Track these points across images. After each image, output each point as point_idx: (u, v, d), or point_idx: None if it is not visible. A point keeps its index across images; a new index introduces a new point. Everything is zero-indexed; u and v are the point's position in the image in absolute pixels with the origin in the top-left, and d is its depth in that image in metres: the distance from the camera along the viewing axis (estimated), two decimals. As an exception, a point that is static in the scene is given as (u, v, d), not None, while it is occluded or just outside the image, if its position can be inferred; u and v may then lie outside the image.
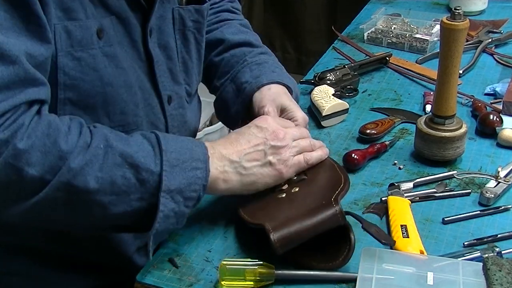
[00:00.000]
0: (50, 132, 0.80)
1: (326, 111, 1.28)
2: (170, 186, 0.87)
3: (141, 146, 0.88)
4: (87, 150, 0.83)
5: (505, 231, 0.98)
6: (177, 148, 0.90)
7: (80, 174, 0.82)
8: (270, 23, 3.23)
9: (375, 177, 1.13)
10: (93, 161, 0.83)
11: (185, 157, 0.90)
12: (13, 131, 0.78)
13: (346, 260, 0.89)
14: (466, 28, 1.06)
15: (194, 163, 0.90)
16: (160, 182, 0.86)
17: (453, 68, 1.09)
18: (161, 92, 1.03)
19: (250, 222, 0.96)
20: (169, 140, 0.90)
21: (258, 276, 0.88)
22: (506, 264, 0.85)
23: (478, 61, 1.56)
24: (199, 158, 0.91)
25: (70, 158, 0.81)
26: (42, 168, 0.80)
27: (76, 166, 0.81)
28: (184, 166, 0.89)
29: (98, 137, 0.85)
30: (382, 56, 1.56)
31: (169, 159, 0.88)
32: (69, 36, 0.87)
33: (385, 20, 1.75)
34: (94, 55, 0.90)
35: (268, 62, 1.19)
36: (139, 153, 0.86)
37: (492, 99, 1.38)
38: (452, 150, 1.14)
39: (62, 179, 0.81)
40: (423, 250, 0.93)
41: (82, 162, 0.82)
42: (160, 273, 0.92)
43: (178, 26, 1.06)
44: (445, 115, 1.13)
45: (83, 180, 0.82)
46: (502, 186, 1.07)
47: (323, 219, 0.89)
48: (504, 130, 1.21)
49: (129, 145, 0.87)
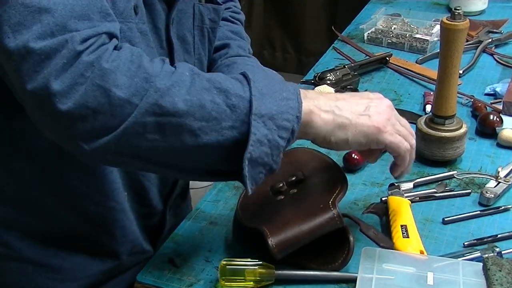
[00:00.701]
0: (133, 59, 0.79)
1: (326, 111, 1.28)
2: (261, 110, 0.83)
3: (228, 77, 0.85)
4: (172, 74, 0.81)
5: (505, 231, 0.98)
6: (266, 79, 0.86)
7: (168, 94, 0.79)
8: (270, 23, 3.23)
9: (375, 177, 1.13)
10: (179, 84, 0.80)
11: (275, 88, 0.86)
12: (99, 55, 0.77)
13: (345, 263, 0.90)
14: (466, 28, 1.06)
15: (285, 93, 0.86)
16: (250, 107, 0.82)
17: (453, 68, 1.09)
18: None
19: (248, 226, 0.96)
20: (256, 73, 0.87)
21: (258, 276, 0.88)
22: (506, 264, 0.85)
23: (478, 61, 1.56)
24: (289, 90, 0.87)
25: (156, 80, 0.79)
26: (129, 90, 0.77)
27: (162, 86, 0.79)
28: (275, 95, 0.85)
29: (183, 66, 0.83)
30: (382, 56, 1.56)
31: (258, 87, 0.84)
32: (113, 5, 0.86)
33: (385, 20, 1.75)
34: (131, 29, 0.90)
35: (237, 62, 1.16)
36: (228, 80, 0.84)
37: (492, 99, 1.38)
38: (452, 150, 1.14)
39: (150, 100, 0.78)
40: (423, 250, 0.93)
41: (168, 83, 0.79)
42: (160, 273, 0.92)
43: (197, 22, 1.07)
44: (445, 115, 1.13)
45: (170, 101, 0.79)
46: (502, 186, 1.07)
47: (320, 223, 0.89)
48: (504, 130, 1.21)
49: (216, 75, 0.84)
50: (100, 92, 0.76)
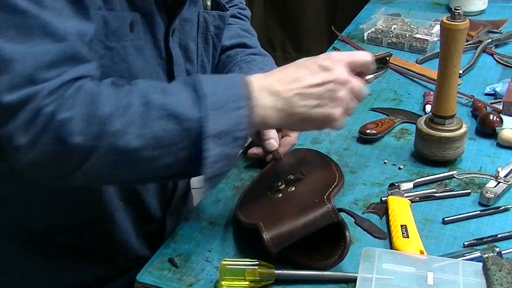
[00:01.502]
0: (91, 99, 0.80)
1: (326, 111, 1.28)
2: (214, 130, 0.85)
3: (180, 94, 0.85)
4: (127, 110, 0.82)
5: (505, 231, 0.98)
6: (218, 89, 0.87)
7: (122, 136, 0.81)
8: (270, 23, 3.22)
9: (375, 177, 1.13)
10: (132, 121, 0.82)
11: (227, 98, 0.86)
12: (58, 104, 0.78)
13: (342, 258, 0.89)
14: (466, 28, 1.06)
15: (238, 102, 0.87)
16: (202, 128, 0.84)
17: (453, 68, 1.09)
18: None
19: (245, 222, 0.96)
20: (209, 82, 0.88)
21: (258, 276, 0.88)
22: (506, 264, 0.85)
23: (478, 61, 1.56)
24: (242, 96, 0.88)
25: (110, 124, 0.80)
26: (86, 135, 0.79)
27: (115, 129, 0.81)
28: (227, 107, 0.86)
29: (137, 94, 0.84)
30: (382, 56, 1.56)
31: (211, 102, 0.85)
32: (105, 25, 0.88)
33: (385, 20, 1.75)
34: (126, 47, 0.91)
35: (257, 60, 1.18)
36: (179, 101, 0.84)
37: (492, 99, 1.38)
38: (452, 150, 1.14)
39: (105, 143, 0.80)
40: (423, 250, 0.92)
41: (121, 124, 0.81)
42: (160, 273, 0.92)
43: (201, 30, 1.08)
44: (445, 115, 1.13)
45: (125, 141, 0.81)
46: (502, 186, 1.07)
47: (315, 217, 0.89)
48: (504, 130, 1.21)
49: (168, 95, 0.85)
50: (59, 142, 0.79)
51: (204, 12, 1.07)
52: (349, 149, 1.22)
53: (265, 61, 1.20)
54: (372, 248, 0.91)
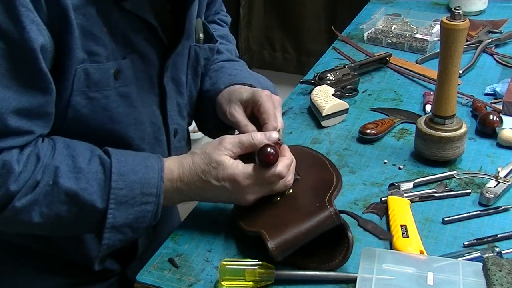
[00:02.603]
0: (3, 172, 0.84)
1: (326, 111, 1.28)
2: (116, 223, 0.90)
3: (91, 180, 0.89)
4: (34, 189, 0.86)
5: (505, 231, 0.98)
6: (128, 183, 0.90)
7: (24, 211, 0.86)
8: (270, 23, 3.22)
9: (375, 177, 1.13)
10: (38, 200, 0.87)
11: (136, 193, 0.91)
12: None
13: (345, 259, 0.90)
14: (466, 28, 1.06)
15: (145, 198, 0.92)
16: (104, 220, 0.89)
17: (453, 68, 1.09)
18: (169, 126, 1.06)
19: (248, 230, 0.96)
20: (123, 172, 0.91)
21: (258, 276, 0.88)
22: (506, 264, 0.85)
23: (478, 61, 1.56)
24: (151, 193, 0.92)
25: (15, 200, 0.85)
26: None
27: (20, 205, 0.86)
28: (133, 201, 0.91)
29: (49, 173, 0.87)
30: (382, 56, 1.56)
31: (117, 196, 0.89)
32: (87, 78, 0.90)
33: (385, 20, 1.75)
34: (108, 96, 0.93)
35: (225, 67, 1.18)
36: (87, 190, 0.88)
37: (492, 99, 1.38)
38: (452, 150, 1.14)
39: (7, 214, 0.86)
40: (423, 250, 0.93)
41: (27, 202, 0.86)
42: (160, 273, 0.92)
43: (192, 63, 1.09)
44: (445, 115, 1.13)
45: (27, 216, 0.87)
46: (502, 186, 1.07)
47: (318, 222, 0.90)
48: (504, 130, 1.21)
49: (79, 180, 0.88)
50: None
51: (196, 46, 1.08)
52: (349, 149, 1.22)
53: (233, 67, 1.19)
54: (372, 248, 0.91)
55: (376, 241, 0.94)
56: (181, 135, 1.10)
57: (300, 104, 1.39)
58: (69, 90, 0.89)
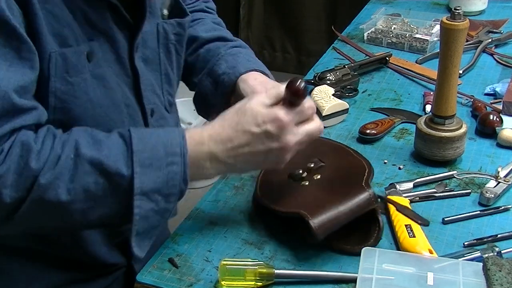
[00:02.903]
0: (23, 153, 0.83)
1: (326, 111, 1.28)
2: (144, 187, 0.87)
3: (114, 148, 0.87)
4: (56, 164, 0.85)
5: (505, 231, 0.98)
6: (150, 145, 0.89)
7: (51, 188, 0.84)
8: (270, 23, 3.22)
9: (375, 177, 1.12)
10: (63, 174, 0.85)
11: (159, 154, 0.88)
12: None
13: (377, 241, 0.94)
14: (466, 28, 1.06)
15: (170, 158, 0.89)
16: (132, 185, 0.86)
17: (453, 68, 1.09)
18: (145, 106, 1.04)
19: (283, 211, 0.97)
20: (143, 136, 0.89)
21: (258, 276, 0.88)
22: (506, 264, 0.85)
23: (478, 61, 1.56)
24: (175, 152, 0.89)
25: (40, 176, 0.83)
26: (17, 188, 0.83)
27: (45, 182, 0.84)
28: (159, 164, 0.88)
29: (69, 146, 0.86)
30: (382, 56, 1.56)
31: (141, 159, 0.87)
32: (65, 62, 0.89)
33: (385, 20, 1.75)
34: (85, 79, 0.92)
35: (242, 53, 1.19)
36: (110, 157, 0.86)
37: (492, 99, 1.38)
38: (452, 150, 1.14)
39: (34, 195, 0.84)
40: (431, 250, 0.92)
41: (51, 177, 0.84)
42: (160, 273, 0.92)
43: (162, 40, 1.07)
44: (445, 115, 1.13)
45: (54, 193, 0.84)
46: (502, 186, 1.07)
47: (358, 203, 0.93)
48: (504, 130, 1.21)
49: (100, 149, 0.87)
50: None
51: (163, 23, 1.06)
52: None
53: (248, 53, 1.20)
54: (372, 248, 0.91)
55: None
56: (158, 114, 1.07)
57: (300, 104, 1.39)
58: (46, 75, 0.88)
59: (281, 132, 0.90)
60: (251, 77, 1.12)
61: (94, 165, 0.86)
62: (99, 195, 0.87)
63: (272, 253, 0.95)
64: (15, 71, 0.83)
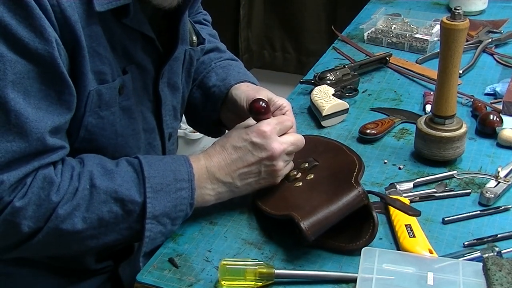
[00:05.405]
0: (44, 186, 0.86)
1: (326, 111, 1.28)
2: (155, 212, 0.92)
3: (125, 177, 0.91)
4: (74, 195, 0.88)
5: (505, 231, 0.98)
6: (160, 171, 0.93)
7: (68, 218, 0.88)
8: (270, 23, 3.22)
9: (375, 177, 1.13)
10: (80, 204, 0.88)
11: (169, 180, 0.93)
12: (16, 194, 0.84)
13: (372, 238, 0.92)
14: (466, 28, 1.06)
15: (179, 184, 0.94)
16: (144, 210, 0.91)
17: (453, 68, 1.09)
18: (164, 130, 1.08)
19: (275, 214, 0.98)
20: (152, 163, 0.94)
21: (258, 276, 0.88)
22: (506, 264, 0.85)
23: (478, 61, 1.56)
24: (183, 178, 0.94)
25: (58, 208, 0.87)
26: (36, 219, 0.86)
27: (63, 213, 0.87)
28: (168, 189, 0.93)
29: (85, 178, 0.90)
30: (382, 56, 1.56)
31: (152, 185, 0.91)
32: (99, 98, 0.92)
33: (385, 20, 1.75)
34: (114, 112, 0.96)
35: (232, 65, 1.21)
36: (123, 185, 0.90)
37: (492, 99, 1.38)
38: (452, 150, 1.14)
39: (51, 225, 0.87)
40: (431, 249, 0.92)
41: (69, 208, 0.87)
42: (160, 273, 0.92)
43: (186, 66, 1.11)
44: (445, 115, 1.13)
45: (71, 223, 0.88)
46: (502, 186, 1.07)
47: (348, 201, 0.92)
48: (504, 130, 1.21)
49: (113, 178, 0.91)
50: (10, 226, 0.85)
51: (191, 49, 1.10)
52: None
53: (239, 65, 1.23)
54: (372, 248, 0.91)
55: (376, 241, 0.94)
56: (174, 137, 1.12)
57: (300, 104, 1.39)
58: (82, 111, 0.91)
59: (266, 141, 0.97)
60: (244, 85, 1.14)
61: (109, 194, 0.89)
62: (113, 221, 0.91)
63: (272, 253, 0.95)
64: (52, 112, 0.86)
